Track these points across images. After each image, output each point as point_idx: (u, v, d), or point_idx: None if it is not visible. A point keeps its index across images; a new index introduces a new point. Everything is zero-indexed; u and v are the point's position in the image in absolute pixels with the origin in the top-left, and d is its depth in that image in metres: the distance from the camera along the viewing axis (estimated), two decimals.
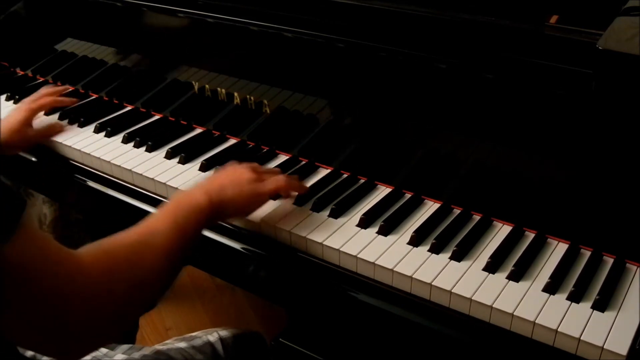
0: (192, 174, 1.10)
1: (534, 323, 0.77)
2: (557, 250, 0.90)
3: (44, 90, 1.31)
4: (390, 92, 1.01)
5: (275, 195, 1.01)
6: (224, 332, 1.02)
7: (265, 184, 0.92)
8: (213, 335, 1.01)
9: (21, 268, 0.59)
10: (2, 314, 0.60)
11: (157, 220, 0.78)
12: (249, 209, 0.93)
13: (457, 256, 0.88)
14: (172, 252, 0.76)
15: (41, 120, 1.28)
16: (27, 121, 1.20)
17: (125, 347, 0.96)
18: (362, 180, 1.07)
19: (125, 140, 1.21)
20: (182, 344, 0.98)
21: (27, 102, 1.25)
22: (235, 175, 0.91)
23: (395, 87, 1.00)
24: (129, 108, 1.36)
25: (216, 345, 0.99)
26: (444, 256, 0.89)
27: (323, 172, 1.10)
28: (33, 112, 1.22)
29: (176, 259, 0.77)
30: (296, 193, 0.99)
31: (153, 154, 1.17)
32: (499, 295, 0.81)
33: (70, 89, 1.42)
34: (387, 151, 1.05)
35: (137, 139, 1.19)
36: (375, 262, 0.87)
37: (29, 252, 0.60)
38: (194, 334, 1.02)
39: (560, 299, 0.81)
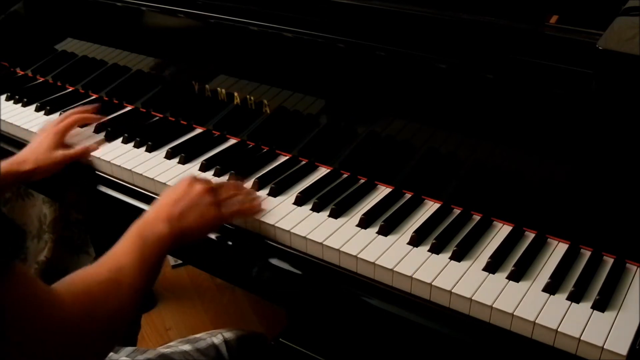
0: (192, 173, 1.10)
1: (534, 323, 0.77)
2: (557, 250, 0.90)
3: (70, 112, 1.25)
4: (390, 92, 1.01)
5: (276, 193, 1.02)
6: (228, 334, 1.02)
7: (226, 210, 0.92)
8: (217, 338, 1.00)
9: (6, 306, 0.60)
10: None
11: (123, 254, 0.80)
12: (207, 232, 0.93)
13: (457, 256, 0.88)
14: (140, 285, 0.79)
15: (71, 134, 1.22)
16: (56, 145, 1.15)
17: (129, 349, 0.95)
18: (362, 180, 1.07)
19: (125, 141, 1.21)
20: (186, 347, 0.98)
21: (53, 125, 1.19)
22: (194, 199, 0.89)
23: (395, 87, 1.00)
24: (129, 108, 1.36)
25: (220, 348, 0.99)
26: (444, 256, 0.89)
27: (323, 172, 1.10)
28: (61, 135, 1.17)
29: (143, 289, 0.80)
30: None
31: (153, 154, 1.17)
32: (499, 295, 0.81)
33: (96, 105, 1.32)
34: (387, 151, 1.05)
35: (137, 139, 1.19)
36: (375, 262, 0.87)
37: (16, 291, 0.61)
38: (197, 335, 1.02)
39: (560, 299, 0.81)
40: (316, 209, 0.99)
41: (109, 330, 0.73)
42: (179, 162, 1.13)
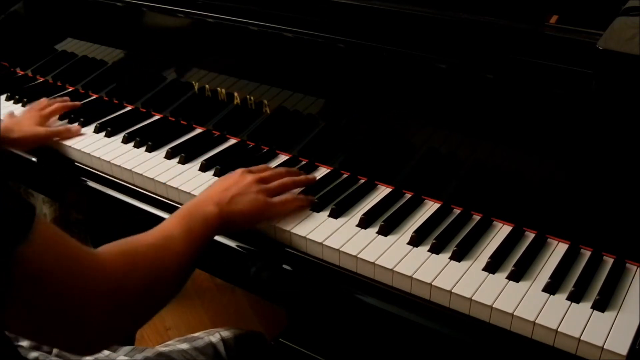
0: (192, 174, 1.10)
1: (534, 323, 0.77)
2: (557, 250, 0.90)
3: (53, 100, 1.33)
4: (390, 92, 1.01)
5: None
6: (225, 333, 1.02)
7: (275, 200, 0.94)
8: (215, 336, 1.01)
9: (39, 267, 0.61)
10: (19, 312, 0.61)
11: (172, 225, 0.82)
12: (256, 221, 0.95)
13: (457, 256, 0.88)
14: (185, 257, 0.79)
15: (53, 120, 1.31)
16: (39, 124, 1.24)
17: (127, 348, 0.95)
18: (362, 180, 1.07)
19: (125, 140, 1.21)
20: (184, 345, 0.98)
21: (37, 109, 1.27)
22: (245, 188, 0.91)
23: (395, 87, 1.00)
24: (129, 108, 1.36)
25: (218, 347, 0.99)
26: (444, 256, 0.89)
27: (323, 172, 1.10)
28: (45, 118, 1.26)
29: (188, 264, 0.81)
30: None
31: (153, 154, 1.17)
32: (499, 295, 0.81)
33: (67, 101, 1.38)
34: (387, 151, 1.05)
35: (137, 139, 1.19)
36: (375, 262, 0.87)
37: (46, 251, 0.61)
38: (195, 334, 1.02)
39: (560, 299, 0.81)
40: (316, 208, 0.99)
41: (149, 294, 0.73)
42: (179, 162, 1.13)
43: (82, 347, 0.70)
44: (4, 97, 1.43)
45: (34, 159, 1.25)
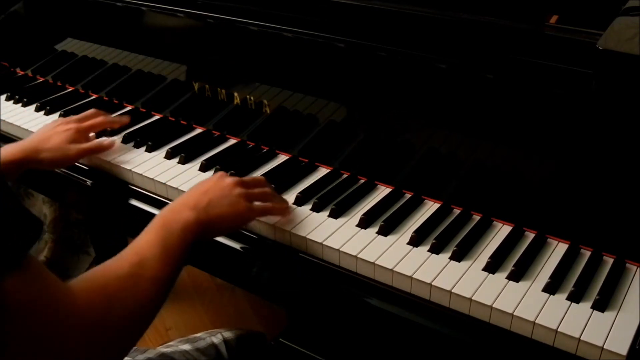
0: (192, 174, 1.10)
1: (534, 323, 0.77)
2: (557, 250, 0.90)
3: (92, 110, 1.20)
4: (390, 92, 1.01)
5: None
6: (227, 334, 1.02)
7: (255, 205, 0.91)
8: (217, 337, 1.01)
9: (19, 302, 0.59)
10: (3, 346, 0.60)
11: (145, 245, 0.77)
12: (237, 226, 0.92)
13: (457, 256, 0.88)
14: (162, 278, 0.76)
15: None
16: (73, 141, 1.11)
17: None
18: (362, 180, 1.07)
19: (125, 140, 1.21)
20: (186, 346, 0.98)
21: (75, 121, 1.14)
22: (223, 190, 0.87)
23: (395, 87, 1.00)
24: (128, 108, 1.36)
25: (220, 347, 0.99)
26: (444, 256, 0.89)
27: (323, 172, 1.10)
28: (81, 134, 1.13)
29: (167, 281, 0.77)
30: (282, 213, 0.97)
31: (153, 154, 1.17)
32: (499, 295, 0.81)
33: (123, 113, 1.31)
34: (387, 151, 1.05)
35: (137, 139, 1.19)
36: (375, 262, 0.87)
37: (28, 287, 0.59)
38: (197, 335, 1.02)
39: (560, 299, 0.81)
40: (316, 209, 0.99)
41: (128, 327, 0.71)
42: (178, 162, 1.13)
43: None
44: (4, 97, 1.43)
45: None
